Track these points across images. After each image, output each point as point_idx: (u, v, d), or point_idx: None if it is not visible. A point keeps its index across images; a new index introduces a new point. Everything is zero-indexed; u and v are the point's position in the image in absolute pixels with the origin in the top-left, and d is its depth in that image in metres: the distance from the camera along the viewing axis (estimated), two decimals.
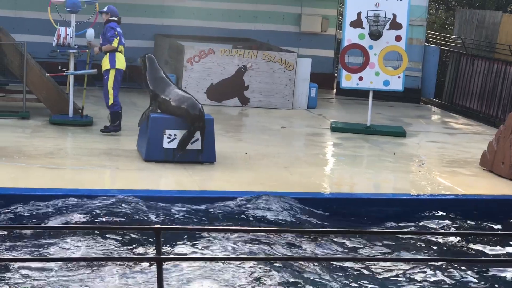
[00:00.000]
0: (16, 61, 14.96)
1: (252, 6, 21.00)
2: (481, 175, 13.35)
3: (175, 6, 20.52)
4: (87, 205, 10.91)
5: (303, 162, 13.47)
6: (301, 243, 10.29)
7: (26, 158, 12.47)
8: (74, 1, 14.45)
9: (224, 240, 10.11)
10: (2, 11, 19.35)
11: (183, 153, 12.51)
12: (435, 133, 16.85)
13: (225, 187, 11.83)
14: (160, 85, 12.93)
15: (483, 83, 19.28)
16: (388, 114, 18.31)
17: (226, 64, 17.79)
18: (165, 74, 13.26)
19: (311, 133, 15.88)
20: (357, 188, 12.56)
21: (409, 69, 18.15)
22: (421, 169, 13.52)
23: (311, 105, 18.25)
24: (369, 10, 15.73)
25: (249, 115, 17.29)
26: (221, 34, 20.60)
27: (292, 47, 20.17)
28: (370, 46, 15.82)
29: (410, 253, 10.29)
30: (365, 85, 16.03)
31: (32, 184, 11.34)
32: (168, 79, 13.13)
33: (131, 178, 11.88)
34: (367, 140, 15.42)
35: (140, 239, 10.09)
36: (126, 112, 15.15)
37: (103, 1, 16.61)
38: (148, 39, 20.30)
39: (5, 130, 13.92)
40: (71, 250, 9.63)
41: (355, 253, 10.22)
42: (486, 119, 18.61)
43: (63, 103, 14.96)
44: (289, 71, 17.97)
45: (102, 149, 13.10)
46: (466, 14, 21.32)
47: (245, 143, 14.59)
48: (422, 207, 11.80)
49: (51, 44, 14.92)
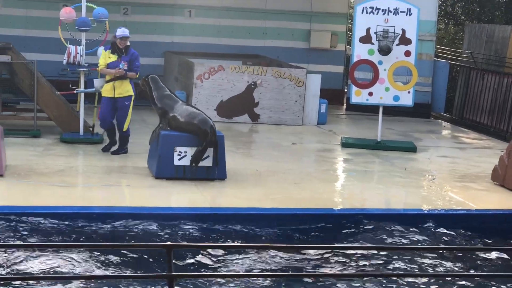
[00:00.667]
0: (27, 80, 15.02)
1: (261, 23, 21.06)
2: (492, 190, 13.31)
3: (185, 24, 20.60)
4: (98, 223, 10.93)
5: (314, 178, 13.46)
6: (306, 260, 10.27)
7: (37, 176, 12.49)
8: (84, 20, 14.52)
9: (235, 257, 10.10)
10: (13, 30, 19.46)
11: (196, 167, 12.49)
12: (445, 148, 16.82)
13: (236, 204, 11.82)
14: (168, 102, 12.98)
15: (493, 98, 19.25)
16: (398, 129, 18.30)
17: (236, 80, 17.83)
18: (171, 91, 13.33)
19: (322, 149, 15.88)
20: (368, 203, 12.53)
21: (419, 84, 18.15)
22: (432, 184, 13.49)
23: (321, 121, 18.26)
24: (378, 26, 15.75)
25: (259, 131, 17.31)
26: (231, 51, 20.65)
27: (302, 63, 20.21)
28: (379, 61, 15.83)
29: (435, 270, 10.26)
30: (375, 101, 16.03)
31: (43, 202, 11.37)
32: (174, 96, 13.19)
33: (142, 196, 11.89)
34: (377, 155, 15.40)
35: (151, 256, 10.09)
36: (136, 129, 15.20)
37: (112, 19, 16.70)
38: (158, 57, 20.37)
39: (16, 148, 13.97)
40: (82, 268, 9.63)
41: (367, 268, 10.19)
42: (496, 134, 18.57)
43: (74, 121, 15.01)
44: (299, 87, 17.99)
45: (113, 167, 13.12)
46: (476, 29, 21.32)
47: (255, 159, 14.59)
48: (433, 222, 11.76)
49: (61, 63, 14.98)
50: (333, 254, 10.42)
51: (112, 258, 9.94)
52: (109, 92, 13.87)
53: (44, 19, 19.46)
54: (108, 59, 13.82)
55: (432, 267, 10.37)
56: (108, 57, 13.82)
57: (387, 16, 15.77)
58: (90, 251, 9.94)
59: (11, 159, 12.97)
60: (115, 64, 13.75)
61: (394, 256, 10.52)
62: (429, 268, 10.33)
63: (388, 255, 10.54)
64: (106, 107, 13.91)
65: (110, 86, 13.85)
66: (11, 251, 9.90)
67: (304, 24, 21.24)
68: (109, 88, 13.87)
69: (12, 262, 9.69)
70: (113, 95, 13.86)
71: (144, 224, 10.94)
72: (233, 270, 9.75)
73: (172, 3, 20.49)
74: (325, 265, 10.16)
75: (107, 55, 13.84)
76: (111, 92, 13.85)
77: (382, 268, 10.19)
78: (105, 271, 9.58)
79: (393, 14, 15.78)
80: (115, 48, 13.82)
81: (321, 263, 10.21)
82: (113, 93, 13.85)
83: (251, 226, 11.26)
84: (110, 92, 13.86)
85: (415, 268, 10.25)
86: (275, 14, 21.07)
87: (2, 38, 17.68)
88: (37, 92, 14.93)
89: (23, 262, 9.74)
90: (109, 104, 13.89)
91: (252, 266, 9.94)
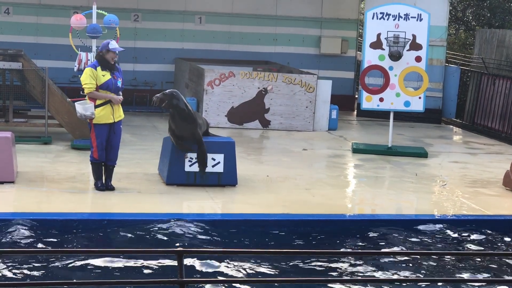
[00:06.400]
0: (38, 87, 15.07)
1: (272, 29, 21.08)
2: (504, 195, 13.26)
3: (195, 30, 20.63)
4: (109, 229, 10.94)
5: (325, 184, 13.44)
6: (310, 264, 10.26)
7: (49, 182, 12.52)
8: (95, 26, 14.56)
9: (245, 262, 10.09)
10: (24, 37, 19.53)
11: (203, 172, 12.46)
12: (457, 153, 16.78)
13: (247, 210, 11.82)
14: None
15: (504, 103, 19.21)
16: (409, 135, 18.26)
17: (247, 87, 17.84)
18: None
19: (332, 155, 15.86)
20: (379, 209, 12.51)
21: (429, 89, 18.13)
22: (443, 189, 13.46)
23: (332, 127, 18.25)
24: (388, 31, 15.74)
25: (270, 137, 17.30)
26: (241, 57, 20.68)
27: (312, 69, 20.22)
28: (390, 67, 15.81)
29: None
30: (386, 106, 16.01)
31: (55, 208, 11.39)
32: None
33: (153, 202, 11.90)
34: (388, 161, 15.38)
35: (162, 262, 10.09)
36: (147, 136, 15.21)
37: (123, 26, 16.74)
38: (168, 63, 20.41)
39: (27, 155, 14.00)
40: (93, 273, 9.64)
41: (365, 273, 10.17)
42: (508, 139, 18.52)
43: (85, 128, 15.01)
44: (309, 93, 17.99)
45: (124, 173, 13.14)
46: (486, 34, 21.28)
47: (266, 165, 14.59)
48: (445, 227, 11.73)
49: (72, 70, 15.03)
50: (344, 260, 10.40)
51: (123, 263, 9.94)
52: (108, 117, 11.96)
53: (55, 26, 19.54)
54: (102, 77, 11.88)
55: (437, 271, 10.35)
56: (102, 75, 11.88)
57: (398, 22, 15.76)
58: (101, 257, 9.95)
59: (22, 166, 13.00)
60: (113, 83, 11.95)
61: (403, 260, 10.50)
62: (433, 273, 10.30)
63: (399, 260, 10.51)
64: (105, 137, 12.05)
65: (109, 110, 11.95)
66: (23, 256, 9.92)
67: (314, 30, 21.25)
68: (107, 113, 11.95)
69: (23, 267, 9.71)
70: (113, 120, 12.04)
71: (155, 229, 10.94)
72: (243, 276, 9.74)
73: (182, 10, 20.54)
74: (336, 271, 10.14)
75: (100, 73, 11.90)
76: (111, 117, 11.99)
77: (392, 274, 10.16)
78: (116, 276, 9.58)
79: (404, 19, 15.77)
80: (105, 63, 11.94)
81: (332, 268, 10.19)
82: (112, 118, 12.02)
83: (262, 232, 11.24)
84: (109, 117, 11.97)
85: (422, 273, 10.22)
86: (285, 20, 21.09)
87: (14, 45, 17.76)
88: (48, 99, 14.97)
89: (35, 267, 9.76)
90: (107, 132, 12.05)
91: (263, 272, 9.92)
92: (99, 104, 11.94)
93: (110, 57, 11.92)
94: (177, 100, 12.34)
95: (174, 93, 12.43)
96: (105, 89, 11.94)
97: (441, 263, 10.58)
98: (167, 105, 12.36)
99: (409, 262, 10.51)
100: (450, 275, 10.27)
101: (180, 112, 12.35)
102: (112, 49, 11.90)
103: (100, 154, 12.09)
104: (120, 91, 12.10)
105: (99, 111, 11.91)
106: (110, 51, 11.90)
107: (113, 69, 12.00)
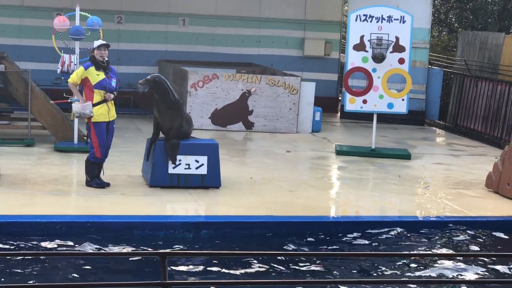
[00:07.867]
0: (21, 89, 15.02)
1: (255, 31, 21.10)
2: (487, 197, 13.32)
3: (179, 32, 20.62)
4: (92, 232, 10.91)
5: (309, 186, 13.46)
6: (296, 265, 10.27)
7: (31, 185, 12.48)
8: (78, 28, 14.53)
9: (229, 265, 10.09)
10: (7, 39, 19.45)
11: (174, 162, 12.44)
12: (440, 155, 16.84)
13: (231, 212, 11.81)
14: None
15: (487, 105, 19.29)
16: (392, 137, 18.31)
17: (230, 89, 17.84)
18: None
19: (316, 157, 15.88)
20: (363, 211, 12.53)
21: (413, 91, 18.19)
22: (426, 191, 13.50)
23: (315, 129, 18.27)
24: (372, 34, 15.77)
25: (254, 139, 17.30)
26: (225, 59, 20.68)
27: (296, 71, 20.25)
28: (373, 69, 15.85)
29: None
30: (369, 108, 16.04)
31: (38, 211, 11.34)
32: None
33: (136, 204, 11.87)
34: (372, 163, 15.41)
35: (145, 264, 10.07)
36: (130, 138, 15.18)
37: (106, 28, 16.70)
38: (152, 65, 20.38)
39: (10, 157, 13.94)
40: (75, 276, 9.61)
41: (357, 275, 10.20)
42: (490, 141, 18.60)
43: (68, 130, 15.01)
44: (293, 95, 18.00)
45: (108, 176, 13.09)
46: (469, 36, 21.36)
47: (250, 167, 14.59)
48: (428, 229, 11.77)
49: (55, 72, 14.99)
50: (328, 262, 10.42)
51: (106, 266, 9.91)
52: (105, 116, 12.29)
53: (38, 28, 19.48)
54: (96, 76, 12.17)
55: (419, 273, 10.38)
56: (96, 75, 12.17)
57: (381, 24, 15.79)
58: (84, 259, 9.92)
59: (4, 168, 12.95)
60: (108, 82, 12.25)
61: (389, 262, 10.53)
62: (419, 274, 10.33)
63: (382, 261, 10.53)
64: (105, 135, 12.35)
65: (105, 109, 12.28)
66: (4, 259, 9.87)
67: (298, 32, 21.27)
68: (104, 112, 12.28)
69: (5, 271, 9.67)
70: (108, 119, 12.37)
71: (139, 232, 10.92)
72: (227, 278, 9.74)
73: (166, 12, 20.52)
74: (320, 273, 10.15)
75: (94, 73, 12.17)
76: (107, 116, 12.33)
77: (377, 276, 10.19)
78: (99, 279, 9.55)
79: (387, 21, 15.81)
80: (97, 63, 12.21)
81: (315, 270, 10.20)
82: (108, 116, 12.36)
83: (246, 234, 11.24)
84: (105, 116, 12.30)
85: (406, 274, 10.25)
86: (269, 23, 21.11)
87: None
88: (31, 101, 14.92)
89: (15, 270, 9.72)
90: (105, 130, 12.37)
91: (247, 274, 9.92)
92: (96, 103, 12.26)
93: (98, 54, 12.23)
94: (160, 84, 12.34)
95: (157, 78, 12.47)
96: (101, 88, 12.25)
97: (420, 265, 10.61)
98: (150, 91, 12.36)
99: (395, 262, 10.53)
100: (432, 277, 10.31)
101: (164, 97, 12.32)
102: (96, 46, 12.25)
103: (103, 153, 12.37)
104: (115, 91, 12.41)
105: (97, 109, 12.24)
106: (95, 49, 12.25)
107: (107, 69, 12.31)
